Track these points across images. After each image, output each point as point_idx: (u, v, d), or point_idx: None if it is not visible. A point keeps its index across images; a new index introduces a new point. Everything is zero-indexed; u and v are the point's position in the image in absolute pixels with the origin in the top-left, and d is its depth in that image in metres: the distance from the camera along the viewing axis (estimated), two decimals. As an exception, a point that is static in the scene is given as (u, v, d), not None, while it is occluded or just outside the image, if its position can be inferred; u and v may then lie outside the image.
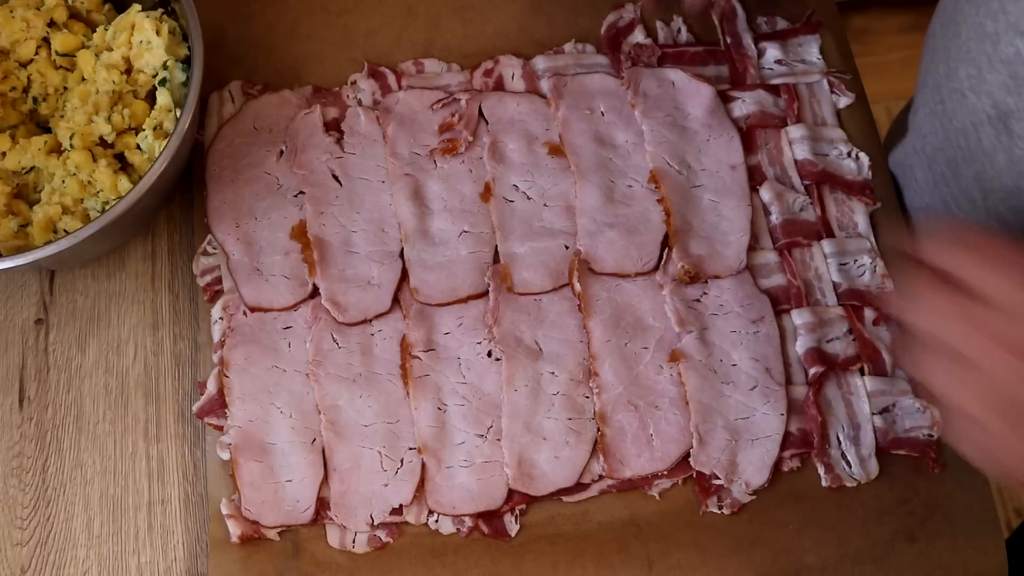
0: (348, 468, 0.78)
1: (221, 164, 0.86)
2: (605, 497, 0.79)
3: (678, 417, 0.79)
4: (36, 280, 0.87)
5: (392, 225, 0.84)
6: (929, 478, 0.79)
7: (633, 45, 0.91)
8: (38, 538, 0.79)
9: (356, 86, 0.90)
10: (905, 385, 0.81)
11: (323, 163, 0.86)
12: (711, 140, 0.87)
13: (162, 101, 0.81)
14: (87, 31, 0.86)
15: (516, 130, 0.87)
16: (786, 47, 0.92)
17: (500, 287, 0.82)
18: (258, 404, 0.79)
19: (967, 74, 0.73)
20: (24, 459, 0.81)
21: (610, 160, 0.86)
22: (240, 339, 0.81)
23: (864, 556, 0.77)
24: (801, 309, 0.83)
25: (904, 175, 0.90)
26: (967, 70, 0.73)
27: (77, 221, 0.80)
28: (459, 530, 0.78)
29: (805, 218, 0.86)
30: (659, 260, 0.83)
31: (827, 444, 0.79)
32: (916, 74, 0.87)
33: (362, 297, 0.82)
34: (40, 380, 0.83)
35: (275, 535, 0.77)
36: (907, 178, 0.89)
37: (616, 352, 0.81)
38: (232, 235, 0.84)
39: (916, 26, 1.85)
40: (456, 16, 0.93)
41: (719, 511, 0.78)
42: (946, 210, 0.82)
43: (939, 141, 0.81)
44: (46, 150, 0.82)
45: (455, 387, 0.80)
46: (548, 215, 0.85)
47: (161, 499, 0.80)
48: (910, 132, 0.88)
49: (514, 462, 0.78)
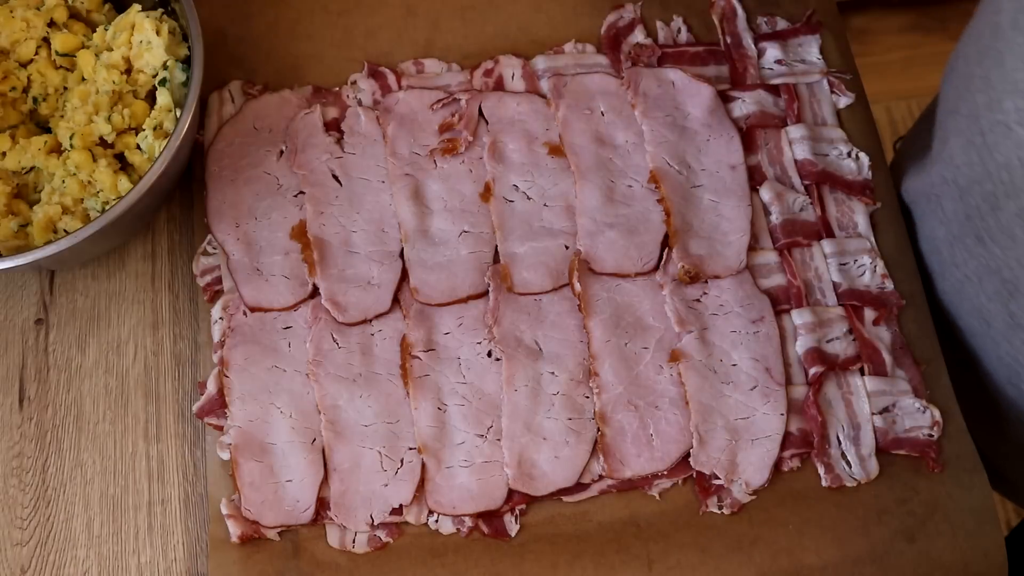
0: (348, 468, 0.78)
1: (221, 164, 0.86)
2: (605, 497, 0.79)
3: (678, 417, 0.79)
4: (36, 280, 0.87)
5: (392, 225, 0.85)
6: (929, 478, 0.79)
7: (633, 45, 0.91)
8: (38, 538, 0.79)
9: (356, 86, 0.90)
10: (905, 385, 0.81)
11: (323, 163, 0.86)
12: (711, 140, 0.87)
13: (162, 101, 0.81)
14: (87, 31, 0.86)
15: (516, 130, 0.87)
16: (786, 47, 0.92)
17: (500, 287, 0.82)
18: (258, 404, 0.79)
19: (1015, 106, 0.68)
20: (24, 459, 0.81)
21: (610, 160, 0.86)
22: (240, 339, 0.81)
23: (864, 556, 0.77)
24: (801, 309, 0.83)
25: (927, 204, 0.85)
26: (1015, 102, 0.68)
27: (77, 221, 0.80)
28: (459, 530, 0.78)
29: (805, 218, 0.86)
30: (659, 260, 0.83)
31: (827, 444, 0.79)
32: (916, 74, 0.86)
33: (362, 297, 0.82)
34: (40, 380, 0.83)
35: (275, 535, 0.77)
36: (931, 207, 0.85)
37: (616, 352, 0.81)
38: (232, 235, 0.84)
39: (916, 26, 1.85)
40: (456, 16, 0.93)
41: (719, 511, 0.78)
42: (979, 245, 0.78)
43: (977, 174, 0.76)
44: (46, 150, 0.82)
45: (455, 387, 0.80)
46: (548, 215, 0.85)
47: (161, 499, 0.80)
48: (937, 161, 0.83)
49: (514, 462, 0.78)
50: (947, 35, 1.85)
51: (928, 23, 1.85)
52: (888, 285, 0.84)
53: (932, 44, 1.84)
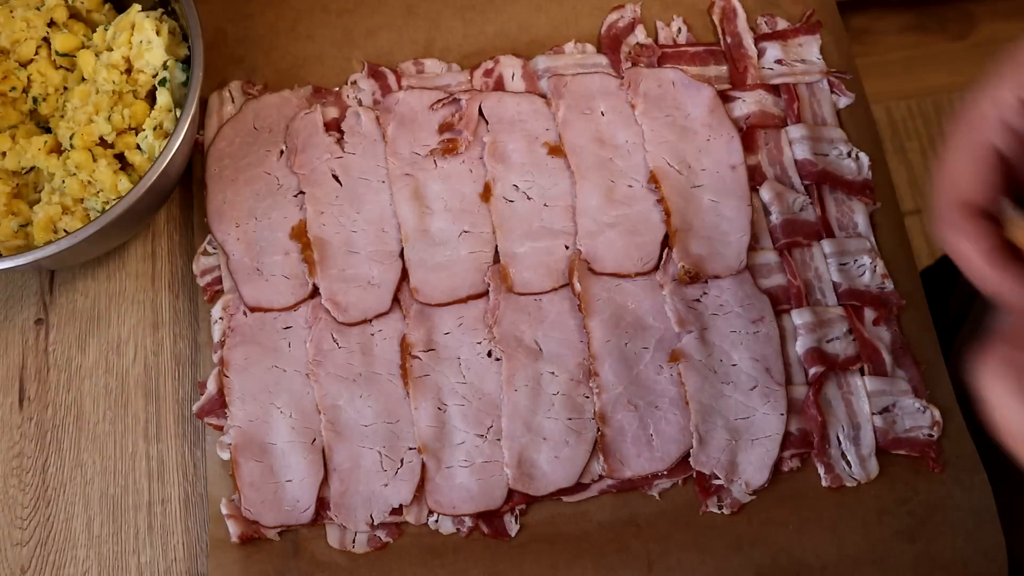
0: (348, 468, 0.78)
1: (221, 164, 0.86)
2: (605, 497, 0.79)
3: (678, 417, 0.79)
4: (36, 280, 0.87)
5: (392, 225, 0.85)
6: (929, 478, 0.79)
7: (633, 45, 0.91)
8: (38, 538, 0.79)
9: (356, 86, 0.90)
10: (905, 385, 0.81)
11: (323, 163, 0.86)
12: (711, 140, 0.87)
13: (162, 101, 0.81)
14: (87, 31, 0.86)
15: (516, 130, 0.87)
16: (786, 47, 0.92)
17: (500, 287, 0.82)
18: (258, 404, 0.79)
19: None
20: (24, 459, 0.81)
21: (610, 160, 0.86)
22: (240, 339, 0.81)
23: (864, 556, 0.77)
24: (801, 309, 0.83)
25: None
26: None
27: (77, 221, 0.80)
28: (459, 530, 0.78)
29: (805, 218, 0.86)
30: (659, 260, 0.83)
31: (827, 444, 0.79)
32: (916, 74, 0.85)
33: (362, 297, 0.82)
34: (40, 380, 0.83)
35: (275, 535, 0.77)
36: None
37: (616, 352, 0.81)
38: (232, 235, 0.84)
39: (916, 26, 1.85)
40: (456, 16, 0.93)
41: (719, 511, 0.78)
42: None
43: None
44: (46, 150, 0.82)
45: (455, 387, 0.80)
46: (548, 215, 0.85)
47: (161, 499, 0.80)
48: None
49: (514, 462, 0.78)
50: (947, 35, 1.85)
51: (928, 23, 1.85)
52: (888, 285, 0.84)
53: (932, 44, 1.84)
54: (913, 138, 1.77)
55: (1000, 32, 1.85)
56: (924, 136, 1.78)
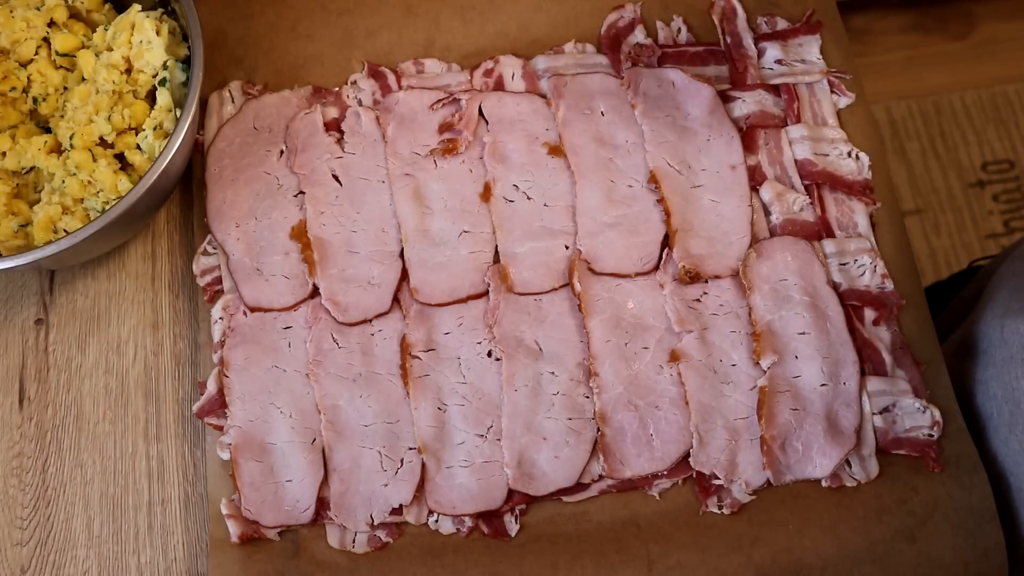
0: (348, 468, 0.78)
1: (221, 164, 0.86)
2: (605, 497, 0.79)
3: (678, 417, 0.79)
4: (36, 280, 0.87)
5: (392, 225, 0.85)
6: (929, 478, 0.79)
7: (633, 45, 0.91)
8: (38, 538, 0.79)
9: (356, 86, 0.90)
10: (905, 385, 0.81)
11: (323, 163, 0.86)
12: (711, 140, 0.87)
13: (162, 101, 0.81)
14: (87, 31, 0.86)
15: (516, 130, 0.87)
16: (786, 47, 0.92)
17: (500, 287, 0.82)
18: (258, 404, 0.79)
19: None
20: (24, 459, 0.81)
21: (610, 160, 0.86)
22: (240, 339, 0.81)
23: (864, 556, 0.77)
24: (801, 309, 0.82)
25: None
26: None
27: (77, 221, 0.80)
28: (459, 530, 0.78)
29: (805, 218, 0.86)
30: (659, 260, 0.83)
31: (827, 444, 0.79)
32: (916, 74, 0.85)
33: (362, 297, 0.82)
34: (40, 380, 0.83)
35: (275, 535, 0.77)
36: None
37: (616, 352, 0.81)
38: (232, 235, 0.84)
39: (916, 26, 1.85)
40: (456, 16, 0.93)
41: (719, 511, 0.78)
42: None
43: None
44: (46, 150, 0.82)
45: (455, 387, 0.80)
46: (548, 215, 0.85)
47: (161, 499, 0.80)
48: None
49: (514, 462, 0.78)
50: (947, 35, 1.84)
51: (928, 23, 1.85)
52: (888, 285, 0.84)
53: (932, 44, 1.84)
54: (913, 138, 1.77)
55: (1000, 32, 1.84)
56: (924, 136, 1.78)
